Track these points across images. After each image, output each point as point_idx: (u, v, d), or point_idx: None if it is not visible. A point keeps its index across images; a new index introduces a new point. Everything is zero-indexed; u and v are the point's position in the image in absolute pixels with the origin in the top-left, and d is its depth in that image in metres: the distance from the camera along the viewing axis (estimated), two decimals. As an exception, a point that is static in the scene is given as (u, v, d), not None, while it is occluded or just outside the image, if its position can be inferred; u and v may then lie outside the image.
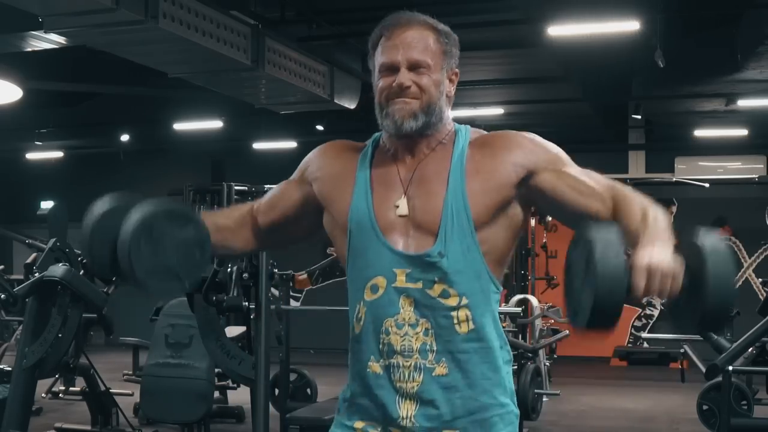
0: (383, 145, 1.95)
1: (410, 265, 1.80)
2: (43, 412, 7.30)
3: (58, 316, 5.09)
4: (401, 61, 1.84)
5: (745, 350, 5.64)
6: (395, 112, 1.83)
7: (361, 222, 1.85)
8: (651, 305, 11.67)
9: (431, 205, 1.82)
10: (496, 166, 1.83)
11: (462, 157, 1.85)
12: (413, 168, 1.88)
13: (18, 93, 6.43)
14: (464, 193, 1.80)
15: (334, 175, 1.94)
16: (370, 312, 1.83)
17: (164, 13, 5.27)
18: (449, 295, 1.79)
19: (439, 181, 1.84)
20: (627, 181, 10.85)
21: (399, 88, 1.83)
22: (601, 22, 6.50)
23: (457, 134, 1.92)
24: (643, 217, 1.69)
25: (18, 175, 13.42)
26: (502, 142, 1.88)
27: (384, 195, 1.87)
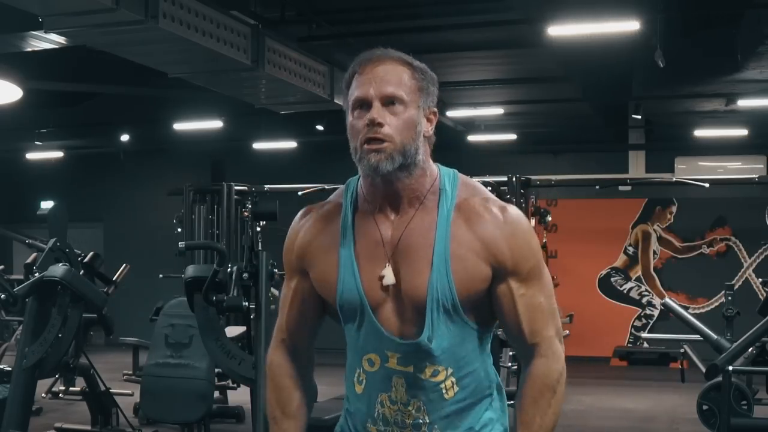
0: (362, 201, 1.86)
1: (400, 350, 1.79)
2: (43, 412, 7.30)
3: (58, 316, 5.09)
4: (373, 95, 1.75)
5: (745, 350, 5.64)
6: (370, 158, 1.74)
7: (351, 302, 1.81)
8: (651, 305, 11.67)
9: (416, 281, 1.77)
10: (477, 259, 1.77)
11: (446, 230, 1.78)
12: (398, 231, 1.80)
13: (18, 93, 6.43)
14: (449, 275, 1.76)
15: (319, 258, 1.86)
16: (369, 381, 1.84)
17: (164, 13, 5.27)
18: (438, 373, 1.80)
19: (424, 256, 1.77)
20: (627, 181, 10.87)
21: (372, 124, 1.74)
22: (601, 22, 6.49)
23: (441, 193, 1.82)
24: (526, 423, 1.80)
25: (18, 175, 13.41)
26: (483, 230, 1.79)
27: (371, 268, 1.81)
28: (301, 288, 1.92)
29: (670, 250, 11.65)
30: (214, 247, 6.15)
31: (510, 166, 10.07)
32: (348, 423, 1.92)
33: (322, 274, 1.86)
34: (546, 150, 11.72)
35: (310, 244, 1.88)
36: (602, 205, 11.46)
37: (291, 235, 1.92)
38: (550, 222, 10.08)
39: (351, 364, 1.88)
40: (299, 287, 1.92)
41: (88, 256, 5.84)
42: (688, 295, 11.37)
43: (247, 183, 10.30)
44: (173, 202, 10.44)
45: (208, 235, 9.80)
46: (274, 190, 10.39)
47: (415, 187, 1.80)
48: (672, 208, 11.62)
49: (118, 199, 13.42)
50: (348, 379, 1.89)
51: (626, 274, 11.75)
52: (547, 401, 1.82)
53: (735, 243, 11.43)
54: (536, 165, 11.17)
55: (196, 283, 5.00)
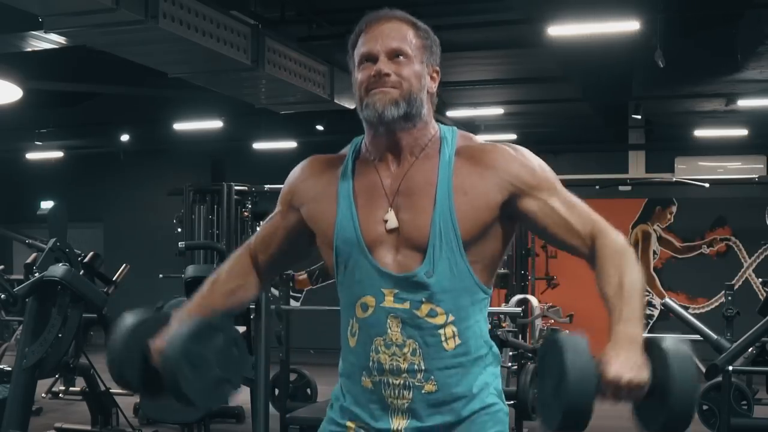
0: (364, 152, 1.91)
1: (397, 285, 1.79)
2: (43, 412, 7.30)
3: (58, 316, 5.09)
4: (380, 50, 1.81)
5: (745, 350, 5.64)
6: (375, 101, 1.78)
7: (347, 239, 1.83)
8: (651, 305, 11.67)
9: (419, 221, 1.79)
10: (484, 187, 1.80)
11: (449, 170, 1.81)
12: (398, 178, 1.84)
13: (18, 93, 6.43)
14: (452, 211, 1.78)
15: (317, 195, 1.91)
16: (362, 329, 1.84)
17: (164, 13, 5.27)
18: (436, 314, 1.79)
19: (426, 195, 1.80)
20: (627, 181, 10.87)
21: (378, 75, 1.79)
22: (601, 22, 6.49)
23: (442, 141, 1.86)
24: (619, 286, 1.76)
25: (18, 175, 13.41)
26: (490, 160, 1.82)
27: (369, 209, 1.84)
28: (284, 220, 1.98)
29: (670, 250, 11.65)
30: (214, 247, 6.17)
31: (510, 166, 10.06)
32: (341, 388, 1.91)
33: (318, 213, 1.89)
34: (546, 150, 11.66)
35: (306, 182, 1.93)
36: (602, 205, 11.18)
37: (291, 174, 1.99)
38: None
39: (344, 318, 1.88)
40: (282, 217, 1.99)
41: (88, 256, 5.84)
42: (688, 295, 11.36)
43: (247, 183, 10.30)
44: (173, 202, 10.43)
45: (208, 235, 9.80)
46: (274, 190, 10.38)
47: (417, 138, 1.84)
48: (672, 208, 11.62)
49: (118, 199, 13.41)
50: (342, 337, 1.89)
51: (626, 274, 11.74)
52: (627, 261, 1.78)
53: (735, 243, 11.43)
54: (536, 165, 11.16)
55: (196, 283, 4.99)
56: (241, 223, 9.82)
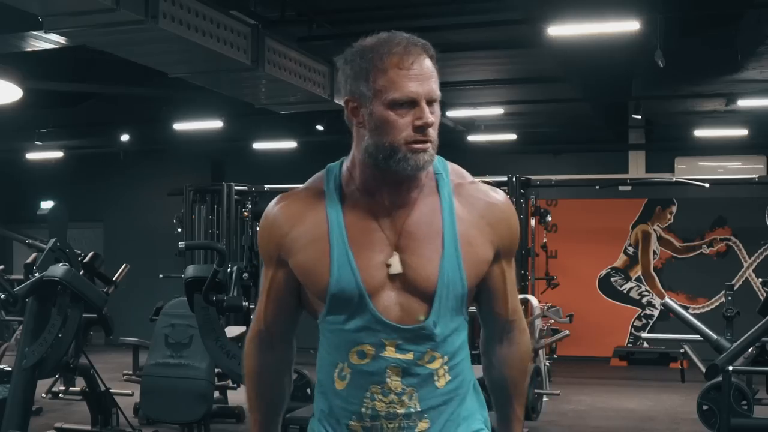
0: (350, 185, 1.78)
1: (401, 336, 1.73)
2: (43, 412, 7.31)
3: (58, 316, 5.10)
4: (422, 95, 1.68)
5: (745, 350, 5.64)
6: (418, 159, 1.68)
7: (345, 289, 1.72)
8: (651, 305, 11.67)
9: (426, 268, 1.73)
10: (483, 240, 1.78)
11: (452, 215, 1.75)
12: (399, 218, 1.75)
13: (18, 93, 6.42)
14: (459, 260, 1.73)
15: (306, 244, 1.76)
16: (356, 375, 1.76)
17: (164, 13, 5.26)
18: (435, 359, 1.76)
19: (432, 240, 1.74)
20: (627, 181, 10.87)
21: (426, 126, 1.68)
22: (601, 22, 6.49)
23: (438, 177, 1.79)
24: (520, 391, 1.94)
25: (18, 175, 13.42)
26: (491, 216, 1.79)
27: (368, 253, 1.73)
28: (279, 278, 1.84)
29: (670, 250, 11.65)
30: (214, 247, 6.17)
31: (510, 166, 10.08)
32: (323, 424, 1.85)
33: (308, 264, 1.76)
34: (546, 150, 11.72)
35: (290, 232, 1.78)
36: (602, 205, 11.46)
37: (266, 223, 1.83)
38: (550, 222, 10.08)
39: (331, 360, 1.80)
40: (277, 277, 1.84)
41: (88, 256, 5.84)
42: (688, 295, 11.37)
43: (247, 183, 10.30)
44: (173, 202, 10.44)
45: (208, 235, 9.80)
46: (274, 190, 10.38)
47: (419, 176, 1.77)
48: (672, 208, 11.63)
49: (118, 199, 13.42)
50: (324, 376, 1.82)
51: (626, 274, 11.75)
52: (527, 372, 1.97)
53: (735, 243, 11.43)
54: (536, 165, 11.18)
55: (196, 283, 5.01)
56: (241, 223, 9.83)
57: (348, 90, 1.73)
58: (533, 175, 9.66)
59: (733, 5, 7.43)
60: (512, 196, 8.64)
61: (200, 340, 5.19)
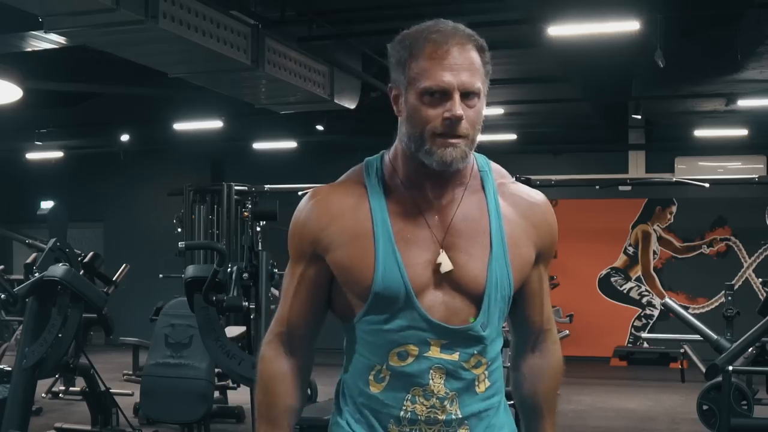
0: (393, 179, 1.70)
1: (448, 336, 1.65)
2: (43, 412, 7.30)
3: (58, 316, 5.10)
4: (455, 86, 1.60)
5: (745, 350, 5.64)
6: (445, 154, 1.60)
7: (391, 287, 1.63)
8: (651, 305, 11.67)
9: (475, 267, 1.66)
10: (528, 242, 1.72)
11: (498, 214, 1.70)
12: (447, 214, 1.68)
13: (18, 93, 6.43)
14: (507, 261, 1.68)
15: (349, 239, 1.67)
16: (395, 378, 1.68)
17: (164, 13, 5.27)
18: (481, 365, 1.70)
19: (480, 238, 1.67)
20: (627, 181, 10.87)
21: (455, 119, 1.59)
22: (601, 22, 6.49)
23: (482, 174, 1.74)
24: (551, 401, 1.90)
25: (18, 175, 13.42)
26: (536, 219, 1.75)
27: (414, 250, 1.65)
28: (311, 275, 1.73)
29: (670, 250, 11.65)
30: (214, 247, 6.16)
31: (510, 166, 9.93)
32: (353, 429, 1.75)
33: (350, 260, 1.66)
34: (546, 150, 11.72)
35: (328, 226, 1.67)
36: (602, 205, 11.47)
37: (300, 217, 1.72)
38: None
39: (365, 363, 1.70)
40: (308, 274, 1.73)
41: (88, 256, 5.84)
42: (688, 295, 11.37)
43: (247, 183, 10.31)
44: (173, 202, 10.44)
45: (208, 235, 9.81)
46: (274, 190, 10.40)
47: (463, 172, 1.70)
48: (672, 208, 11.63)
49: (118, 199, 13.42)
50: (357, 379, 1.72)
51: (626, 274, 11.75)
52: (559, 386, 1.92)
53: (735, 243, 11.43)
54: (536, 165, 11.18)
55: (196, 283, 5.00)
56: (241, 223, 9.83)
57: (391, 77, 1.68)
58: (533, 175, 9.66)
59: (733, 5, 7.43)
60: (512, 196, 8.63)
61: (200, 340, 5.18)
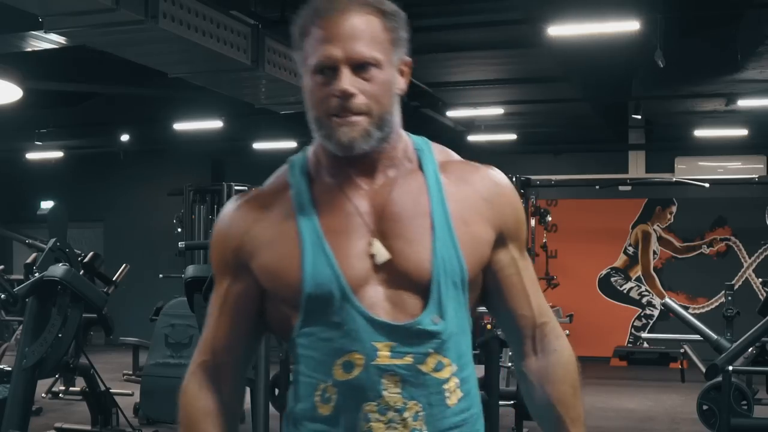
0: (318, 172, 1.52)
1: (395, 336, 1.43)
2: (43, 412, 7.30)
3: (58, 316, 5.10)
4: (341, 58, 1.39)
5: (745, 350, 5.65)
6: (341, 135, 1.41)
7: (322, 284, 1.43)
8: (651, 305, 11.67)
9: (417, 251, 1.45)
10: (480, 218, 1.50)
11: (440, 191, 1.49)
12: (378, 199, 1.48)
13: (18, 93, 6.42)
14: (456, 243, 1.46)
15: (271, 240, 1.48)
16: (343, 395, 1.44)
17: (164, 13, 5.26)
18: (443, 367, 1.46)
19: (420, 220, 1.46)
20: (627, 181, 10.87)
21: (342, 95, 1.40)
22: (601, 22, 6.50)
23: (419, 153, 1.53)
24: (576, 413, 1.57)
25: (18, 175, 13.42)
26: (486, 190, 1.53)
27: (346, 242, 1.45)
28: (238, 291, 1.53)
29: (670, 250, 11.65)
30: (214, 247, 6.16)
31: (510, 166, 10.07)
32: None
33: (275, 262, 1.47)
34: (546, 150, 11.72)
35: (250, 230, 1.50)
36: (602, 205, 11.47)
37: (221, 224, 1.55)
38: (550, 222, 10.09)
39: (310, 382, 1.48)
40: (234, 290, 1.54)
41: (88, 256, 5.84)
42: (688, 295, 11.37)
43: (247, 183, 10.30)
44: (173, 202, 10.44)
45: (208, 235, 9.80)
46: (274, 190, 10.37)
47: (390, 153, 1.50)
48: (672, 208, 11.63)
49: (118, 199, 13.42)
50: (306, 403, 1.49)
51: (626, 274, 11.75)
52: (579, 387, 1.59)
53: (735, 243, 11.43)
54: (536, 165, 11.18)
55: (196, 283, 5.00)
56: (241, 223, 9.82)
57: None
58: (533, 175, 9.66)
59: (733, 5, 7.43)
60: (512, 196, 8.63)
61: (200, 340, 5.18)
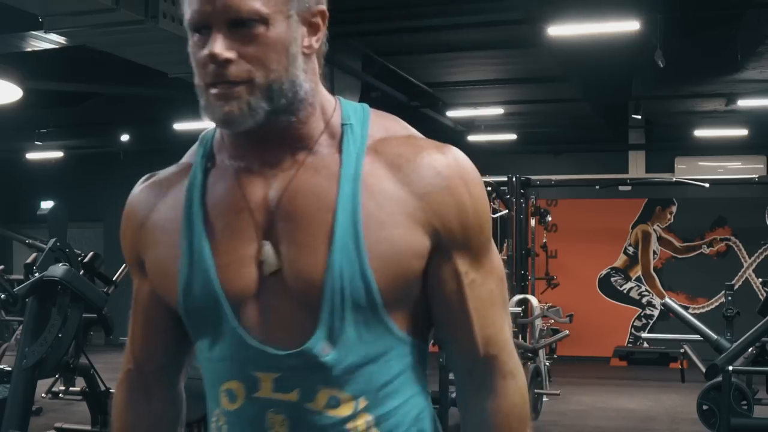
0: (221, 151, 1.26)
1: (278, 366, 1.16)
2: (43, 412, 7.31)
3: (58, 316, 5.09)
4: (212, 14, 1.11)
5: (745, 350, 5.64)
6: (215, 110, 1.16)
7: (198, 301, 1.18)
8: (651, 305, 11.67)
9: (309, 263, 1.14)
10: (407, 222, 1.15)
11: (356, 180, 1.15)
12: (276, 193, 1.17)
13: (18, 93, 6.42)
14: (361, 252, 1.13)
15: (158, 234, 1.25)
16: (231, 426, 1.23)
17: (164, 13, 5.26)
18: (339, 403, 1.17)
19: (321, 220, 1.14)
20: (627, 181, 10.86)
21: (215, 62, 1.12)
22: (601, 22, 6.50)
23: (345, 131, 1.19)
24: None
25: (18, 175, 13.42)
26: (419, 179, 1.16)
27: (231, 246, 1.18)
28: (146, 290, 1.33)
29: (670, 250, 11.65)
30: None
31: (510, 166, 10.08)
32: None
33: (157, 264, 1.25)
34: (546, 150, 11.73)
35: (146, 221, 1.28)
36: (602, 205, 11.47)
37: (124, 215, 1.34)
38: (550, 222, 10.09)
39: (209, 408, 1.29)
40: (143, 290, 1.34)
41: (88, 256, 5.84)
42: (688, 295, 11.37)
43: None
44: (173, 202, 10.44)
45: (208, 235, 9.80)
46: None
47: (301, 129, 1.19)
48: (672, 208, 11.63)
49: (118, 199, 13.18)
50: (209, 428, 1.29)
51: (626, 274, 11.76)
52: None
53: (735, 243, 11.43)
54: (536, 165, 11.18)
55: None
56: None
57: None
58: (533, 175, 9.66)
59: (733, 5, 7.43)
60: (512, 196, 8.65)
61: (200, 340, 5.18)
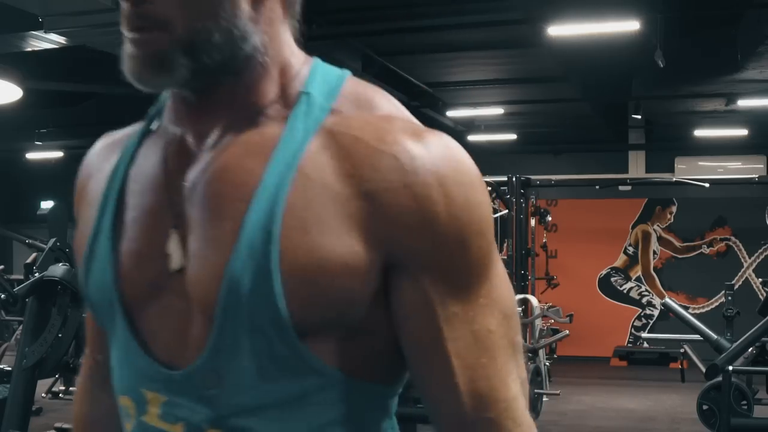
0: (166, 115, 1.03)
1: (168, 388, 0.91)
2: (43, 412, 7.30)
3: (58, 316, 5.10)
4: None
5: (745, 350, 5.65)
6: (126, 58, 0.96)
7: (97, 296, 0.97)
8: (651, 305, 11.67)
9: (211, 264, 0.88)
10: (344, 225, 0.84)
11: (290, 167, 0.86)
12: (197, 169, 0.93)
13: (18, 93, 6.43)
14: (271, 260, 0.83)
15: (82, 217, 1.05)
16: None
17: (164, 13, 5.27)
18: None
19: (236, 211, 0.87)
20: (627, 181, 10.87)
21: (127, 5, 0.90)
22: (601, 22, 6.50)
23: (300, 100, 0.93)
24: None
25: (18, 175, 13.42)
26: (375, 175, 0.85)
27: (140, 232, 0.95)
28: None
29: (670, 250, 11.65)
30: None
31: (510, 166, 10.08)
32: None
33: (76, 242, 1.04)
34: (546, 150, 11.73)
35: (83, 188, 1.07)
36: (602, 205, 11.47)
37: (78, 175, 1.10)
38: (550, 222, 10.09)
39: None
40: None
41: (88, 256, 5.83)
42: (688, 295, 11.37)
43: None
44: (173, 202, 10.44)
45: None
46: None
47: (244, 95, 0.93)
48: (672, 208, 11.63)
49: (118, 199, 13.41)
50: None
51: (626, 274, 11.76)
52: None
53: (735, 243, 11.44)
54: (536, 165, 11.18)
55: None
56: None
57: None
58: (533, 175, 9.67)
59: (733, 5, 7.43)
60: (512, 196, 8.65)
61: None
